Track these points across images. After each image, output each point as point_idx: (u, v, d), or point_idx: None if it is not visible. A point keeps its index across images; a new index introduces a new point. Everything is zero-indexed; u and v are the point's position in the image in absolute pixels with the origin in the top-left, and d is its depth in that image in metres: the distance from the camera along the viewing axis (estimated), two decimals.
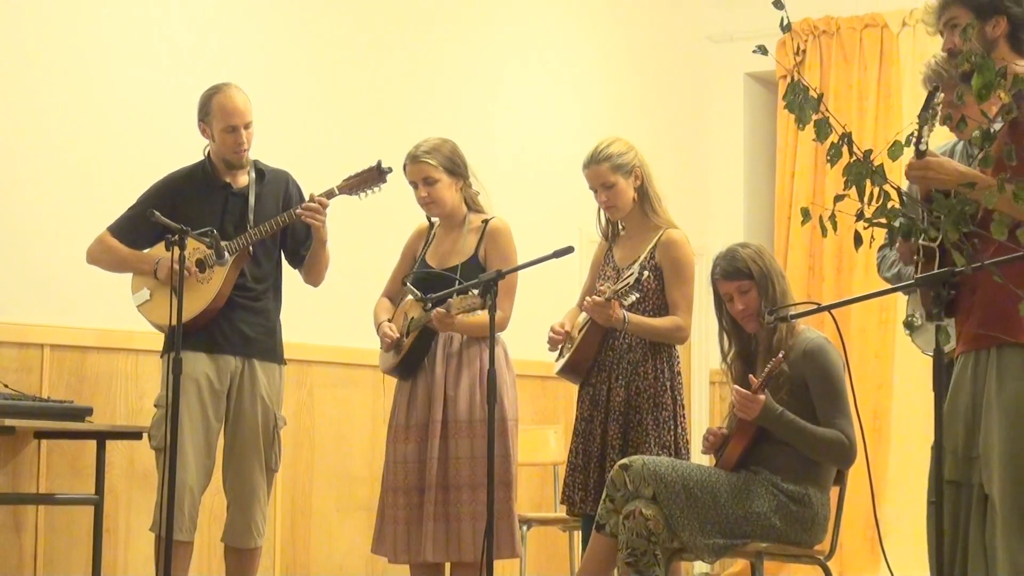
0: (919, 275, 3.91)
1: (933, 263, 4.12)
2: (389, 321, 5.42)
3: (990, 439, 3.83)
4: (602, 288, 5.07)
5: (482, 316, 5.02)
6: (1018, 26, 4.03)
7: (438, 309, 5.12)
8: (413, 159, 5.40)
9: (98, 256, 5.55)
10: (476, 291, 5.00)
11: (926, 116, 3.90)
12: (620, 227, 5.34)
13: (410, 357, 5.34)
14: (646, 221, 5.25)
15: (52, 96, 6.16)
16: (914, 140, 3.80)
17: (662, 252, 5.17)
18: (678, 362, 5.21)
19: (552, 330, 5.24)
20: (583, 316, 5.21)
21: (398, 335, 5.35)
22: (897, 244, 4.54)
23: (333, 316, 6.78)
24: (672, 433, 5.07)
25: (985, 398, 3.86)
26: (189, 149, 5.68)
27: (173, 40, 6.63)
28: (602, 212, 5.34)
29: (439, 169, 5.37)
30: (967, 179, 3.74)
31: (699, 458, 5.20)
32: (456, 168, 5.41)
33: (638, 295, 5.01)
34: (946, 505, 3.89)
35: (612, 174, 5.18)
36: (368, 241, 6.80)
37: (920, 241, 4.16)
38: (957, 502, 3.89)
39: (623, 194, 5.21)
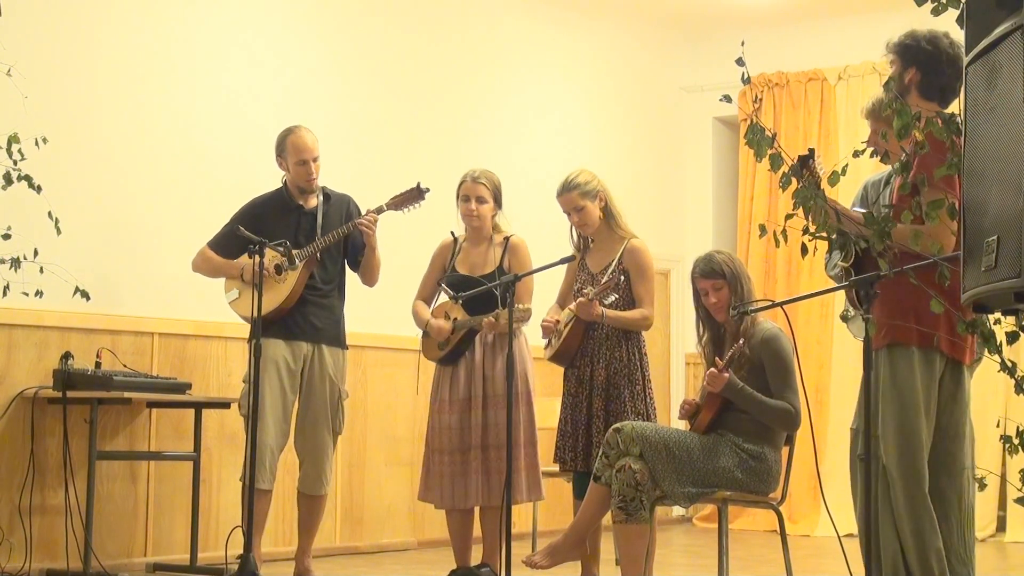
0: (851, 278, 3.91)
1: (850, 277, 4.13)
2: (434, 318, 5.41)
3: (886, 422, 3.84)
4: (586, 291, 5.06)
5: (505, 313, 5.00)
6: (926, 75, 4.03)
7: (488, 319, 5.14)
8: (473, 179, 5.37)
9: (200, 265, 5.58)
10: (528, 305, 5.08)
11: (799, 172, 3.71)
12: (590, 240, 5.31)
13: (456, 349, 5.32)
14: (612, 234, 5.20)
15: (160, 142, 6.19)
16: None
17: (628, 258, 5.13)
18: (644, 345, 5.17)
19: (545, 321, 5.21)
20: (566, 313, 5.18)
21: (451, 329, 5.32)
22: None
23: (383, 311, 6.78)
24: (644, 403, 5.05)
25: (881, 389, 3.85)
26: (266, 176, 5.69)
27: (254, 88, 6.65)
28: (574, 230, 5.31)
29: (489, 193, 5.37)
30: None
31: (675, 423, 5.19)
32: (498, 196, 5.41)
33: (616, 296, 5.01)
34: (858, 476, 3.88)
35: (581, 199, 5.12)
36: (411, 257, 6.79)
37: (840, 262, 4.17)
38: (867, 474, 3.88)
39: (591, 214, 5.15)
